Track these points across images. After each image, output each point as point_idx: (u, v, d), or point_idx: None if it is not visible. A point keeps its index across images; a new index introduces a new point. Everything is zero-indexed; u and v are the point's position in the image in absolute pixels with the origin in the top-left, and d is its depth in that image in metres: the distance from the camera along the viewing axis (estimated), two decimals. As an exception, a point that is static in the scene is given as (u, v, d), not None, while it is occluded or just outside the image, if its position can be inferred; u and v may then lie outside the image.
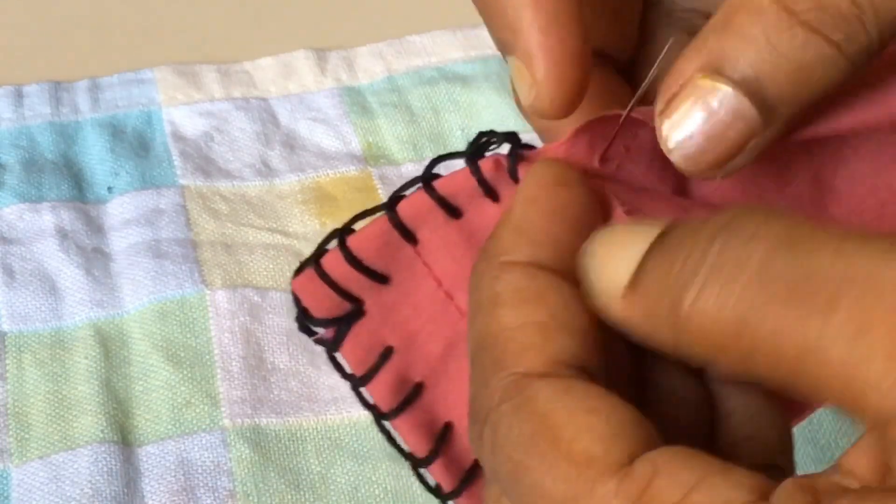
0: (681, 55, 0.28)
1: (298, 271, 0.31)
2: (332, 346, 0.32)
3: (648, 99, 0.29)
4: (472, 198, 0.30)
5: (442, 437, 0.31)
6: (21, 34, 0.62)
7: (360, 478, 0.47)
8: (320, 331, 0.32)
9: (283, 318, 0.51)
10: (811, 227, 0.23)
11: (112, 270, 0.52)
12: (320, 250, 0.31)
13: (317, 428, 0.48)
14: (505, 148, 0.30)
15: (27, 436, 0.48)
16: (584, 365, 0.26)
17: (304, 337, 0.51)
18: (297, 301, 0.31)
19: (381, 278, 0.31)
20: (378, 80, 0.60)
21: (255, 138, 0.57)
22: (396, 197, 0.31)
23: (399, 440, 0.32)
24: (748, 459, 0.28)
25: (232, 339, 0.50)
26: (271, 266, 0.53)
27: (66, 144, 0.57)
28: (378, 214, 0.31)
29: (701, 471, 0.23)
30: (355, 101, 0.59)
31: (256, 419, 0.48)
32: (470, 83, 0.59)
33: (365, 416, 0.49)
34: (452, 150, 0.61)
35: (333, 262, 0.31)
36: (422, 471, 0.31)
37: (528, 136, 0.32)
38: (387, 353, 0.32)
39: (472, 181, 0.30)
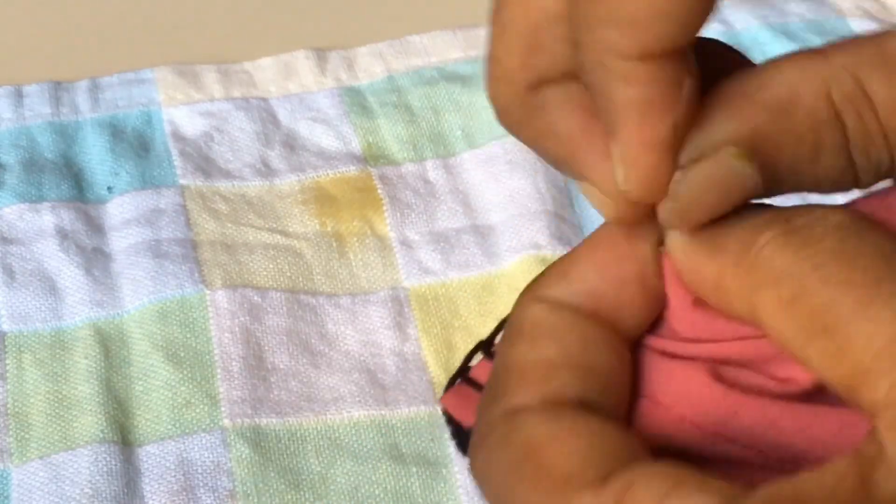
0: (715, 107, 0.26)
1: (446, 389, 0.31)
2: None
3: None
4: None
5: None
6: (21, 34, 0.62)
7: (360, 478, 0.47)
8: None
9: (283, 318, 0.51)
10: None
11: (112, 270, 0.52)
12: (465, 366, 0.31)
13: (317, 428, 0.48)
14: None
15: (27, 436, 0.48)
16: (585, 399, 0.26)
17: (303, 337, 0.51)
18: (449, 419, 0.31)
19: None
20: (378, 80, 0.60)
21: (255, 138, 0.57)
22: None
23: None
24: None
25: (232, 339, 0.50)
26: (271, 266, 0.53)
27: (66, 144, 0.57)
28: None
29: (675, 480, 0.24)
30: (355, 101, 0.59)
31: (256, 419, 0.48)
32: (470, 83, 0.59)
33: (365, 415, 0.49)
34: (452, 150, 0.62)
35: (483, 371, 0.31)
36: None
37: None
38: None
39: None
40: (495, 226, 0.55)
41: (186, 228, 0.54)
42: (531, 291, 0.28)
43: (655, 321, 0.29)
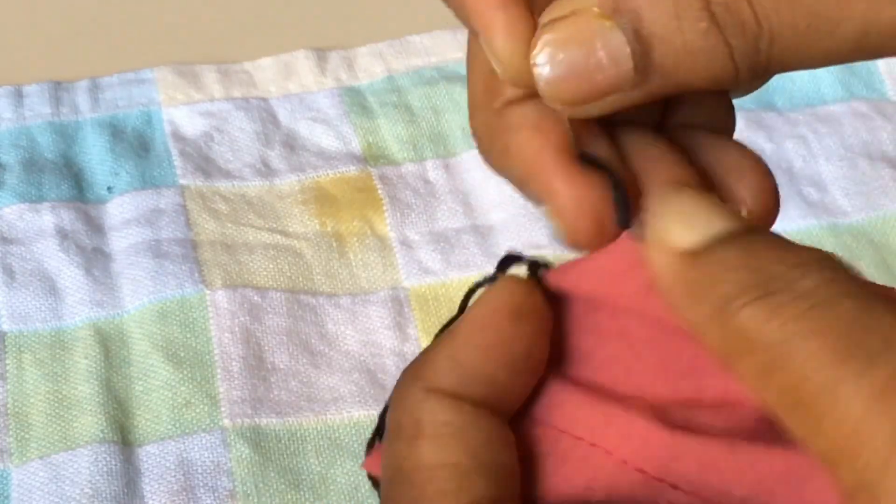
0: None
1: (368, 451, 0.30)
2: None
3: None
4: None
5: None
6: (21, 34, 0.62)
7: (360, 478, 0.47)
8: None
9: (283, 318, 0.51)
10: (881, 292, 0.23)
11: (112, 270, 0.52)
12: (380, 426, 0.30)
13: (317, 428, 0.48)
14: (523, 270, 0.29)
15: (27, 436, 0.48)
16: (499, 502, 0.26)
17: (303, 337, 0.51)
18: (373, 481, 0.30)
19: None
20: (378, 80, 0.60)
21: (255, 138, 0.57)
22: None
23: None
24: None
25: (232, 339, 0.50)
26: (271, 266, 0.53)
27: (66, 144, 0.57)
28: None
29: None
30: (355, 101, 0.59)
31: (256, 419, 0.48)
32: (470, 83, 0.59)
33: (365, 415, 0.49)
34: (452, 150, 0.62)
35: None
36: None
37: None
38: None
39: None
40: (495, 226, 0.55)
41: (186, 228, 0.54)
42: (421, 380, 0.27)
43: (580, 355, 0.28)
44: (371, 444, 0.30)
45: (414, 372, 0.28)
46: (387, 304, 0.52)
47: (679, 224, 0.25)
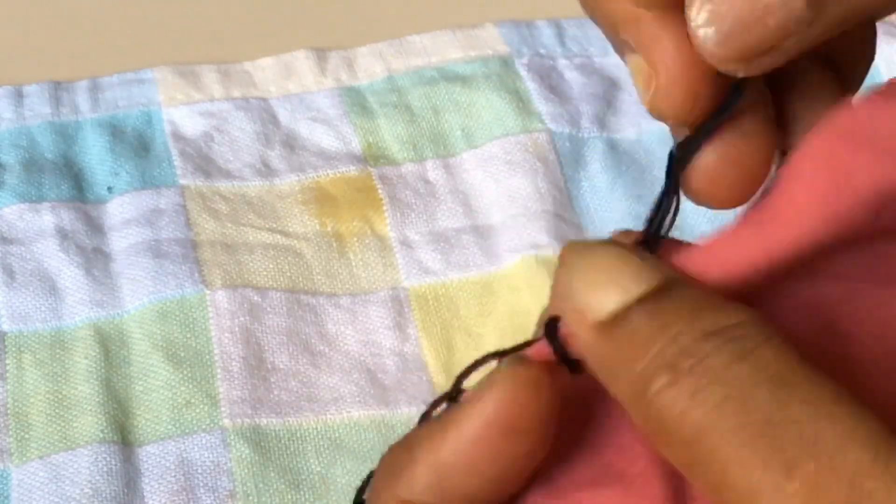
0: None
1: (366, 486, 0.29)
2: None
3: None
4: None
5: None
6: (21, 34, 0.62)
7: (360, 478, 0.47)
8: None
9: (283, 318, 0.51)
10: (802, 366, 0.22)
11: (112, 270, 0.52)
12: (361, 499, 0.29)
13: (317, 428, 0.48)
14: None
15: (27, 436, 0.48)
16: None
17: (303, 337, 0.51)
18: None
19: None
20: (378, 80, 0.60)
21: (255, 138, 0.57)
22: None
23: None
24: None
25: (232, 339, 0.50)
26: (271, 266, 0.53)
27: (66, 144, 0.57)
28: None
29: None
30: (355, 101, 0.59)
31: (256, 419, 0.48)
32: (470, 83, 0.59)
33: (365, 415, 0.49)
34: (452, 150, 0.61)
35: None
36: None
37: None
38: None
39: None
40: (495, 226, 0.55)
41: (186, 228, 0.54)
42: (396, 489, 0.26)
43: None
44: (369, 479, 0.29)
45: (391, 476, 0.26)
46: (387, 304, 0.52)
47: (590, 292, 0.23)
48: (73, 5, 0.63)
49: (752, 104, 0.28)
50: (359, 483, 0.45)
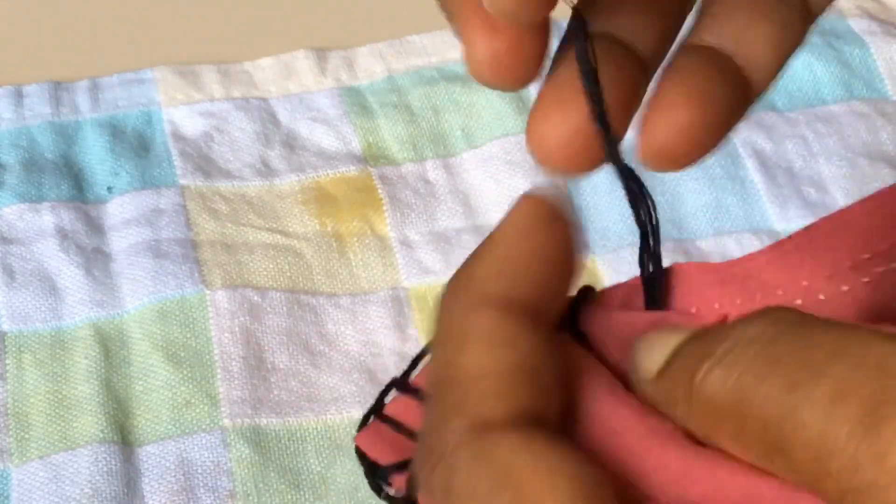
0: None
1: (360, 428, 0.30)
2: (409, 492, 0.30)
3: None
4: None
5: None
6: (21, 34, 0.62)
7: (360, 478, 0.47)
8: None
9: (283, 318, 0.51)
10: (819, 319, 0.24)
11: (112, 270, 0.52)
12: (379, 403, 0.30)
13: (317, 428, 0.48)
14: None
15: (27, 436, 0.48)
16: (543, 415, 0.26)
17: (303, 337, 0.51)
18: (362, 457, 0.30)
19: None
20: (378, 80, 0.60)
21: (255, 138, 0.57)
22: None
23: None
24: None
25: (232, 339, 0.50)
26: (271, 266, 0.53)
27: (66, 144, 0.57)
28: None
29: None
30: (355, 101, 0.59)
31: (256, 419, 0.48)
32: (470, 83, 0.59)
33: (365, 416, 0.49)
34: (452, 150, 0.61)
35: (398, 408, 0.30)
36: None
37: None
38: None
39: None
40: (495, 226, 0.55)
41: (186, 228, 0.54)
42: (468, 289, 0.28)
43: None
44: (364, 422, 0.30)
45: (459, 283, 0.28)
46: (387, 304, 0.52)
47: (642, 359, 0.26)
48: (73, 5, 0.63)
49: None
50: (359, 482, 0.45)
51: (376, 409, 0.29)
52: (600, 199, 0.56)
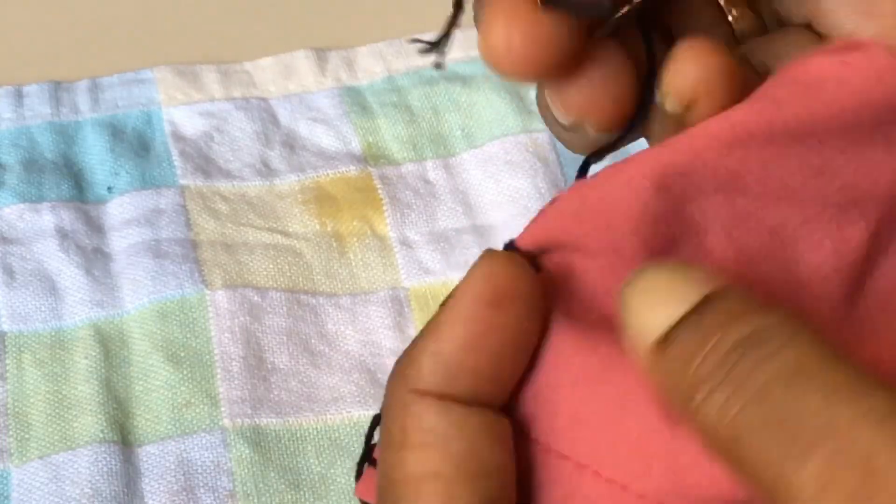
0: None
1: (356, 478, 0.30)
2: None
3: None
4: None
5: None
6: (21, 34, 0.62)
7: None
8: None
9: (283, 318, 0.51)
10: (823, 357, 0.23)
11: (112, 270, 0.52)
12: (367, 448, 0.30)
13: (317, 428, 0.49)
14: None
15: (27, 436, 0.48)
16: None
17: (303, 337, 0.51)
18: None
19: None
20: (378, 80, 0.60)
21: (255, 138, 0.57)
22: None
23: None
24: None
25: (232, 339, 0.50)
26: (271, 266, 0.53)
27: (66, 144, 0.57)
28: None
29: None
30: (355, 101, 0.59)
31: (256, 419, 0.48)
32: (470, 83, 0.59)
33: (365, 415, 0.49)
34: (452, 150, 0.61)
35: None
36: None
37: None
38: None
39: None
40: (495, 226, 0.55)
41: (186, 228, 0.54)
42: (406, 380, 0.27)
43: None
44: (360, 470, 0.30)
45: (400, 371, 0.27)
46: (387, 304, 0.52)
47: (641, 316, 0.25)
48: (73, 5, 0.63)
49: None
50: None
51: (367, 456, 0.29)
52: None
